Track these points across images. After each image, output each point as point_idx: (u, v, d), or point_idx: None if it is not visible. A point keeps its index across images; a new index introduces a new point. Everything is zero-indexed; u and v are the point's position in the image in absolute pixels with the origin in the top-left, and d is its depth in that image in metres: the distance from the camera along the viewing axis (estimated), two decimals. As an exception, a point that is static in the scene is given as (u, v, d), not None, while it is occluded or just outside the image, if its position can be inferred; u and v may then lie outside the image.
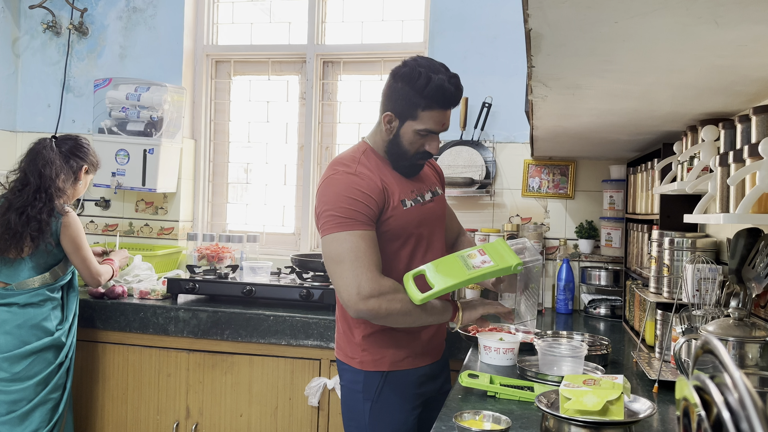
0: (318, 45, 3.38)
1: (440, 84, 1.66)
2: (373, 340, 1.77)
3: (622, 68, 1.23)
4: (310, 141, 3.39)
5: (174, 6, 3.41)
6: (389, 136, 1.75)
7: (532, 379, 1.66)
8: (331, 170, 1.73)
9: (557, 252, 3.01)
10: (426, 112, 1.69)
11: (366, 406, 1.78)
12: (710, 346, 0.65)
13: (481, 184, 3.01)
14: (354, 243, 1.62)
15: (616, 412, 1.15)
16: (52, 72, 3.54)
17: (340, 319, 1.86)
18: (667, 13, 0.91)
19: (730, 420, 0.56)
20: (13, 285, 2.36)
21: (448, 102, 1.71)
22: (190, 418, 2.64)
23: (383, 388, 1.78)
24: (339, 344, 1.88)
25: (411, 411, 1.81)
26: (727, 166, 1.39)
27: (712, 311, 1.56)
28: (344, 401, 1.87)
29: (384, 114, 1.74)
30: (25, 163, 2.43)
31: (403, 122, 1.72)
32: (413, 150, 1.75)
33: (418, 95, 1.68)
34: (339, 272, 1.62)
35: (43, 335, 2.35)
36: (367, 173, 1.71)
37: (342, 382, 1.88)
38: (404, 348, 1.79)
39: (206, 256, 2.90)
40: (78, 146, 2.54)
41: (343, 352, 1.85)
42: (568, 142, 2.44)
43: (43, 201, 2.34)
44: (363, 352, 1.78)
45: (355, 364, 1.79)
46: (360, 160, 1.75)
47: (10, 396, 2.30)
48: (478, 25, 3.08)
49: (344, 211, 1.64)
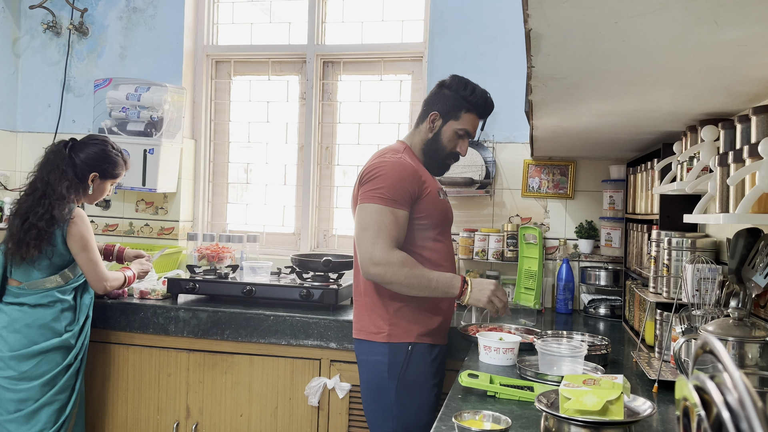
0: (318, 45, 3.38)
1: (483, 94, 2.10)
2: (402, 314, 1.99)
3: (622, 68, 1.23)
4: (310, 141, 3.39)
5: (174, 6, 3.41)
6: (430, 133, 2.10)
7: (532, 379, 1.66)
8: (380, 156, 2.02)
9: (557, 252, 3.01)
10: (467, 115, 2.08)
11: (392, 384, 1.96)
12: (710, 346, 0.65)
13: (481, 184, 3.01)
14: (384, 216, 1.91)
15: (616, 411, 1.15)
16: (53, 72, 3.54)
17: (368, 297, 2.02)
18: (667, 13, 0.91)
19: (729, 420, 0.56)
20: (24, 285, 2.38)
21: (486, 110, 2.13)
22: (191, 417, 2.64)
23: (408, 363, 1.97)
24: (360, 325, 2.05)
25: (432, 388, 2.00)
26: (727, 166, 1.39)
27: (712, 311, 1.56)
28: (367, 384, 2.03)
29: (431, 113, 2.09)
30: (37, 167, 2.44)
31: (446, 122, 2.08)
32: (449, 148, 2.10)
33: (464, 100, 2.07)
34: (362, 238, 1.92)
35: (51, 336, 2.35)
36: (411, 163, 2.02)
37: (364, 363, 2.03)
38: (426, 325, 2.00)
39: (206, 256, 2.90)
40: (93, 152, 2.48)
41: (367, 331, 2.02)
42: (568, 142, 2.44)
43: (45, 208, 2.33)
44: (391, 326, 1.98)
45: (382, 338, 1.98)
46: (403, 153, 2.06)
47: (18, 394, 2.31)
48: (478, 26, 3.08)
49: (389, 188, 1.92)
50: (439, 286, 1.93)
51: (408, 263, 1.90)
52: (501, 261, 2.94)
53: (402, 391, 1.96)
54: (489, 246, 2.95)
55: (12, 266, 2.39)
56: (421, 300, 2.00)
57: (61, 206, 2.35)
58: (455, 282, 1.95)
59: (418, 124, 2.14)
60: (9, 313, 2.36)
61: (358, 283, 2.08)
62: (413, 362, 1.97)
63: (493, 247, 2.95)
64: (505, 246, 2.94)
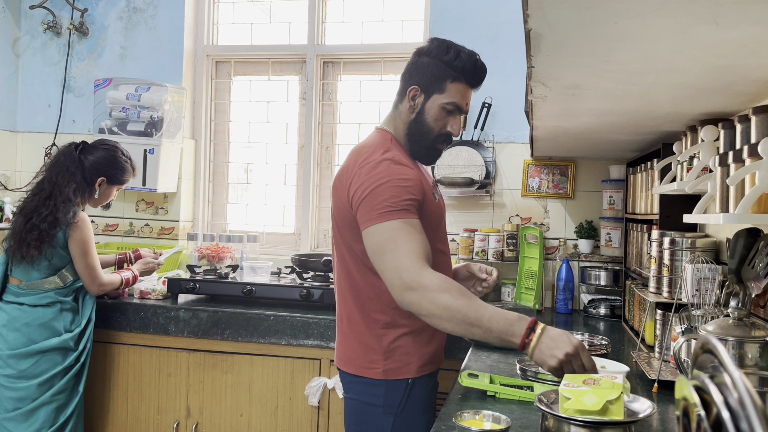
0: (318, 45, 3.38)
1: (471, 56, 1.67)
2: (398, 347, 1.66)
3: (622, 68, 1.23)
4: (310, 141, 3.39)
5: (174, 6, 3.41)
6: (412, 113, 1.70)
7: (532, 379, 1.66)
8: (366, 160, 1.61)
9: (557, 252, 3.01)
10: (454, 84, 1.67)
11: (387, 421, 1.65)
12: (710, 345, 0.65)
13: (480, 184, 3.01)
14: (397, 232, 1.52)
15: (616, 411, 1.15)
16: (53, 72, 3.54)
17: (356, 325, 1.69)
18: (667, 13, 0.91)
19: (729, 420, 0.56)
20: (24, 284, 2.39)
21: (477, 76, 1.70)
22: (191, 417, 2.64)
23: (408, 398, 1.66)
24: (347, 356, 1.71)
25: (429, 421, 1.72)
26: (727, 166, 1.39)
27: (712, 311, 1.56)
28: (356, 418, 1.71)
29: (409, 89, 1.69)
30: (46, 168, 2.45)
31: (429, 96, 1.68)
32: (437, 129, 1.70)
33: (447, 67, 1.66)
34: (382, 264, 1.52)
35: (50, 335, 2.36)
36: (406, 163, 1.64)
37: (352, 396, 1.71)
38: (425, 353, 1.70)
39: (206, 256, 2.91)
40: (103, 156, 2.49)
41: (356, 364, 1.68)
42: (567, 142, 2.44)
43: (49, 209, 2.34)
44: (387, 361, 1.65)
45: (376, 375, 1.65)
46: (391, 148, 1.66)
47: (16, 393, 2.32)
48: (478, 26, 3.08)
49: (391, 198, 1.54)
50: (492, 326, 1.42)
51: (449, 288, 1.45)
52: (501, 261, 2.94)
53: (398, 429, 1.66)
54: (489, 246, 2.95)
55: (13, 264, 2.40)
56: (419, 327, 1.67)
57: (65, 209, 2.36)
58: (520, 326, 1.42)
59: (397, 104, 1.74)
60: (9, 312, 2.37)
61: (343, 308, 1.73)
62: (412, 397, 1.67)
63: (492, 247, 2.95)
64: (505, 246, 2.94)
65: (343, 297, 1.73)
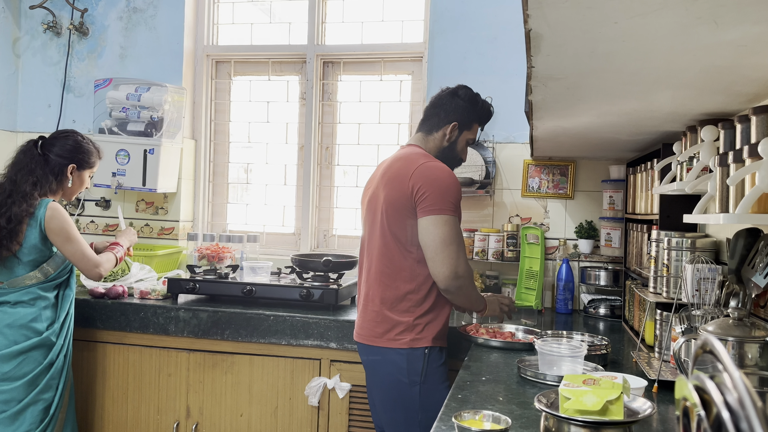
0: (318, 45, 3.38)
1: (488, 107, 2.25)
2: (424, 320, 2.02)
3: (622, 68, 1.23)
4: (310, 141, 3.39)
5: (174, 6, 3.41)
6: (446, 142, 2.17)
7: (532, 379, 1.66)
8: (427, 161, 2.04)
9: (557, 252, 3.01)
10: (476, 126, 2.22)
11: (414, 390, 1.99)
12: (710, 345, 0.65)
13: (480, 184, 3.01)
14: (459, 229, 2.00)
15: (616, 411, 1.15)
16: (53, 72, 3.54)
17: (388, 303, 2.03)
18: (667, 14, 0.91)
19: (729, 420, 0.56)
20: (5, 283, 2.36)
21: (488, 120, 2.29)
22: (191, 417, 2.64)
23: (427, 367, 1.99)
24: (376, 332, 2.05)
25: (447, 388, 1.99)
26: (727, 166, 1.39)
27: (712, 311, 1.56)
28: (388, 394, 2.04)
29: (451, 123, 2.16)
30: (7, 167, 2.43)
31: (461, 132, 2.18)
32: (461, 156, 2.23)
33: (476, 113, 2.20)
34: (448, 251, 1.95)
35: (32, 335, 2.32)
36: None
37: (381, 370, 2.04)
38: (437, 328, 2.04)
39: (206, 256, 2.90)
40: (66, 144, 2.46)
41: (385, 338, 2.03)
42: (567, 142, 2.44)
43: (7, 206, 2.31)
44: (412, 332, 2.00)
45: (402, 344, 1.99)
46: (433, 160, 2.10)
47: (1, 395, 2.29)
48: (477, 26, 3.08)
49: (455, 200, 2.00)
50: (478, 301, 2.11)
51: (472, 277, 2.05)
52: (501, 261, 2.94)
53: (426, 396, 1.98)
54: (489, 246, 2.95)
55: None
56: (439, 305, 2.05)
57: (20, 202, 2.32)
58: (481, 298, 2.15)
59: (432, 131, 2.18)
60: None
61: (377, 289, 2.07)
62: (430, 369, 2.00)
63: (492, 247, 2.95)
64: (505, 246, 2.94)
65: (378, 278, 2.06)
